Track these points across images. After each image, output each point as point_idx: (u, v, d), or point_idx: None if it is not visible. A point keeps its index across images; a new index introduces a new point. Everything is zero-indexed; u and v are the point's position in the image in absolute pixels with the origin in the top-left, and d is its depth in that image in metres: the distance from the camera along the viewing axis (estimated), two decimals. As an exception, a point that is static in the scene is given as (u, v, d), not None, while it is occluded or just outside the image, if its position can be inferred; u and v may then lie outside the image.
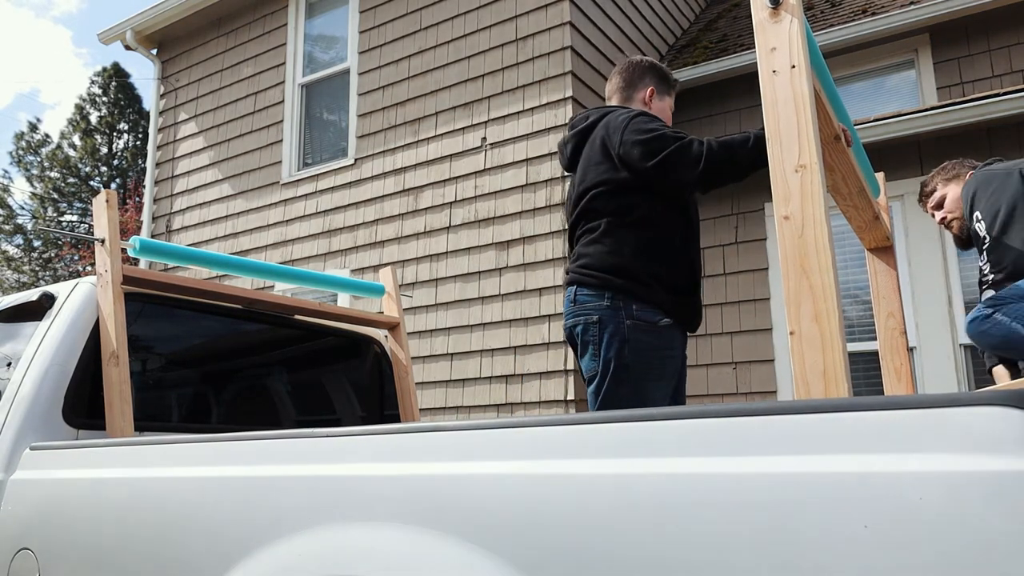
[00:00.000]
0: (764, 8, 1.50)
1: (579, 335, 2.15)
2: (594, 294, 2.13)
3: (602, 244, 2.17)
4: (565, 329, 2.23)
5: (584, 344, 2.14)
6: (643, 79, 2.41)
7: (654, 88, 2.40)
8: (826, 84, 1.83)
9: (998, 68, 5.68)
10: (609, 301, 2.12)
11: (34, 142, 23.27)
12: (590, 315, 2.12)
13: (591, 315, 2.12)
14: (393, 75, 6.47)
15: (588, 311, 2.12)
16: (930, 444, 0.86)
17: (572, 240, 2.34)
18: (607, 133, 2.22)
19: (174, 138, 8.06)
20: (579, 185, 2.28)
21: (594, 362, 2.12)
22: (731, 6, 7.94)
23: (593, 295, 2.13)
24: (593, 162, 2.25)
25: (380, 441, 1.36)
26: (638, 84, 2.41)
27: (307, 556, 1.33)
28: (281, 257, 6.81)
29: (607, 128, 2.23)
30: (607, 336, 2.10)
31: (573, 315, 2.17)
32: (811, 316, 1.36)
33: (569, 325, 2.19)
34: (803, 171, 1.41)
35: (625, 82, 2.43)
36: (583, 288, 2.16)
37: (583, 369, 2.17)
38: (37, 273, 22.34)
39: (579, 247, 2.24)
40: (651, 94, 2.39)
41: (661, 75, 2.44)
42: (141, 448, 1.80)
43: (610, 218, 2.18)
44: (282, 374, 3.10)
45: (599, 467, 1.07)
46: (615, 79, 2.46)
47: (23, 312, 2.47)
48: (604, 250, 2.17)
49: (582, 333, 2.14)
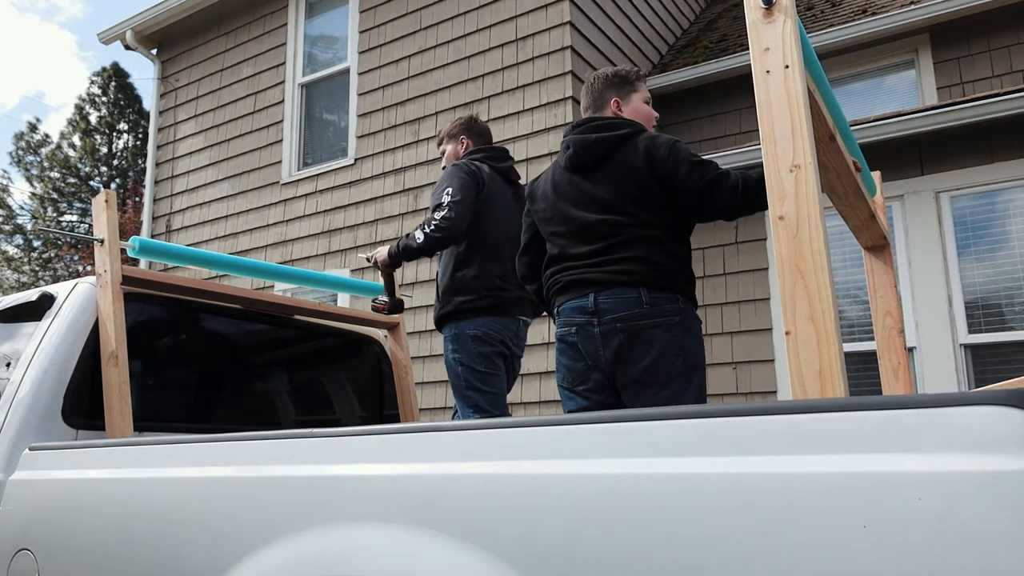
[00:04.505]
0: (757, 9, 1.50)
1: (656, 338, 2.10)
2: (670, 296, 2.14)
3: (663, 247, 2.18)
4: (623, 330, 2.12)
5: (664, 344, 2.10)
6: (603, 95, 2.42)
7: (617, 98, 2.40)
8: (820, 84, 1.83)
9: (998, 68, 5.68)
10: (683, 303, 2.17)
11: (34, 142, 23.27)
12: (671, 317, 2.12)
13: (672, 317, 2.13)
14: (393, 75, 6.47)
15: (667, 313, 2.13)
16: (929, 444, 0.85)
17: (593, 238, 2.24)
18: (652, 146, 2.22)
19: (174, 138, 8.06)
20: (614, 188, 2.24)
21: (677, 361, 2.11)
22: (731, 6, 7.94)
23: (669, 297, 2.14)
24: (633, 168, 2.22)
25: (379, 441, 1.36)
26: (603, 103, 2.42)
27: (307, 556, 1.33)
28: (281, 257, 6.81)
29: (652, 142, 2.23)
30: (689, 337, 2.15)
31: (647, 317, 2.11)
32: (807, 316, 1.36)
33: (641, 327, 2.11)
34: (797, 171, 1.41)
35: (592, 103, 2.44)
36: (655, 290, 2.13)
37: (648, 370, 2.10)
38: (37, 273, 22.34)
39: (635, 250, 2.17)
40: (616, 104, 2.40)
41: (618, 81, 2.43)
42: (140, 448, 1.80)
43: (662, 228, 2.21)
44: (282, 374, 3.10)
45: (598, 467, 1.07)
46: (583, 102, 2.49)
47: (23, 312, 2.47)
48: (667, 254, 2.18)
49: (661, 334, 2.10)
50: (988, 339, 4.29)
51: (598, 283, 2.18)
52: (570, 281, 2.24)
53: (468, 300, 2.81)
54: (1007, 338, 4.26)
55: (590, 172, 2.29)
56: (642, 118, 2.41)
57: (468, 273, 2.83)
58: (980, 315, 4.34)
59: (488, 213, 2.90)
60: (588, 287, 2.19)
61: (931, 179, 4.52)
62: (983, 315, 4.34)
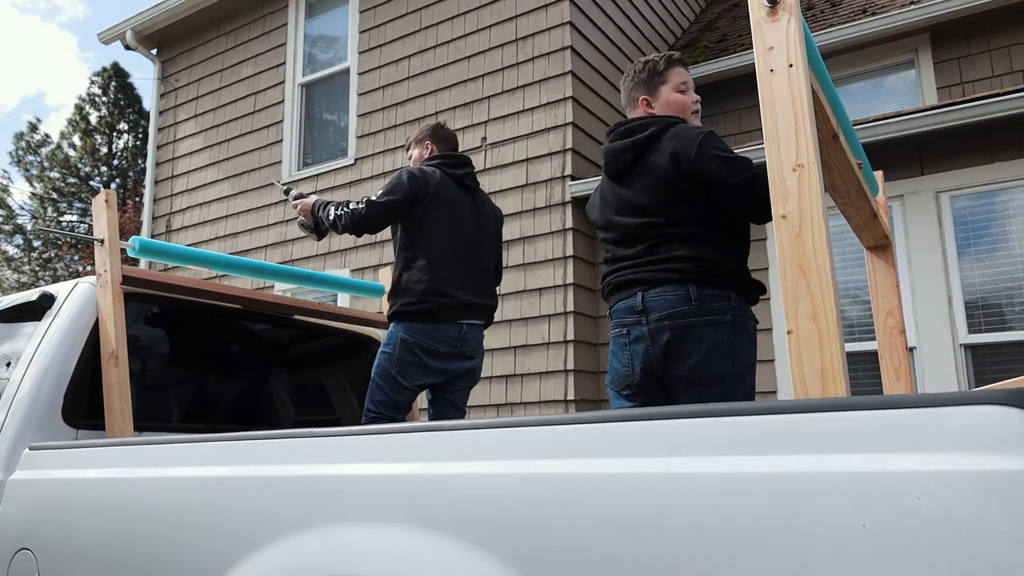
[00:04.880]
0: (762, 7, 1.50)
1: (705, 336, 2.08)
2: (721, 294, 2.10)
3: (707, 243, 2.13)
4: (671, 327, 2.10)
5: (713, 344, 2.07)
6: (632, 95, 2.43)
7: (645, 96, 2.39)
8: (824, 83, 1.83)
9: (998, 68, 5.68)
10: (735, 301, 2.11)
11: (34, 142, 23.27)
12: (721, 316, 2.08)
13: (723, 315, 2.08)
14: (393, 75, 6.47)
15: (717, 312, 2.08)
16: (929, 443, 0.85)
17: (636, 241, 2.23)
18: (679, 144, 2.17)
19: (174, 138, 8.06)
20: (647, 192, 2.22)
21: (727, 361, 2.07)
22: (731, 6, 7.94)
23: (720, 294, 2.09)
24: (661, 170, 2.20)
25: (379, 441, 1.36)
26: (634, 104, 2.42)
27: (307, 556, 1.33)
28: (281, 257, 6.81)
29: (679, 140, 2.18)
30: (741, 336, 2.09)
31: (695, 315, 2.08)
32: (809, 315, 1.36)
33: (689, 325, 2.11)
34: (801, 170, 1.41)
35: (627, 103, 2.46)
36: (706, 287, 2.08)
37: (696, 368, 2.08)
38: (37, 273, 22.34)
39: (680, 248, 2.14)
40: (645, 103, 2.38)
41: (645, 76, 2.41)
42: (140, 448, 1.80)
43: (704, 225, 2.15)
44: (282, 374, 3.10)
45: (598, 467, 1.07)
46: (622, 97, 2.50)
47: (23, 312, 2.47)
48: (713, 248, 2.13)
49: (710, 332, 2.07)
50: (988, 339, 4.29)
51: (645, 282, 2.16)
52: (620, 282, 2.24)
53: (407, 303, 2.84)
54: (1007, 338, 4.26)
55: (624, 179, 2.29)
56: (676, 109, 2.34)
57: (412, 276, 2.87)
58: (980, 315, 4.35)
59: (437, 218, 2.93)
60: (636, 287, 2.18)
61: (931, 179, 4.52)
62: (983, 315, 4.34)
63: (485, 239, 3.06)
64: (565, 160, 5.40)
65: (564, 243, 5.27)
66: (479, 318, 2.95)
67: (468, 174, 3.10)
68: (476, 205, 3.07)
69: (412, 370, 2.81)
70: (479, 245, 3.02)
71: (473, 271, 2.96)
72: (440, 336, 2.82)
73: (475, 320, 2.93)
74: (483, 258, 3.03)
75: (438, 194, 2.94)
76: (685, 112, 2.35)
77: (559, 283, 5.22)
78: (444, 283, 2.84)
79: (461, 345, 2.88)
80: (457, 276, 2.88)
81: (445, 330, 2.83)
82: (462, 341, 2.88)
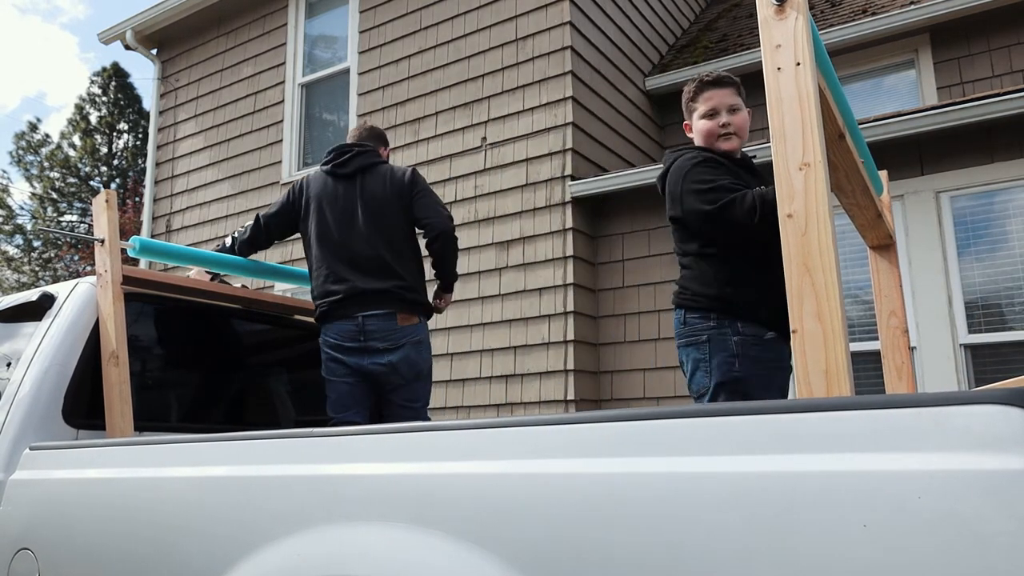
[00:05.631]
0: (769, 5, 1.49)
1: (690, 355, 2.33)
2: (701, 315, 2.31)
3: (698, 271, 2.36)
4: (678, 347, 2.42)
5: (695, 362, 2.31)
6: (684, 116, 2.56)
7: (688, 122, 2.53)
8: (831, 82, 1.82)
9: (998, 68, 5.68)
10: (715, 322, 2.28)
11: (34, 142, 23.27)
12: (699, 335, 2.30)
13: (700, 335, 2.30)
14: (393, 75, 6.47)
15: (698, 331, 2.31)
16: (930, 443, 0.85)
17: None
18: (667, 183, 2.40)
19: (174, 138, 8.06)
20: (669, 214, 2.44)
21: (706, 378, 2.27)
22: (731, 6, 7.94)
23: (701, 316, 2.31)
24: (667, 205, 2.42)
25: (379, 441, 1.36)
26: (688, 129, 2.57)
27: (306, 556, 1.33)
28: (281, 257, 6.81)
29: (668, 177, 2.40)
30: (720, 355, 2.26)
31: (684, 336, 2.35)
32: (814, 314, 1.36)
33: (681, 345, 2.38)
34: (807, 169, 1.41)
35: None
36: (690, 311, 2.34)
37: (691, 385, 2.34)
38: (37, 273, 22.34)
39: (680, 278, 2.43)
40: (688, 128, 2.53)
41: (685, 104, 2.53)
42: (140, 448, 1.80)
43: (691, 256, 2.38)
44: (282, 374, 3.10)
45: (598, 466, 1.06)
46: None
47: (23, 312, 2.46)
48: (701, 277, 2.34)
49: (693, 351, 2.32)
50: (988, 339, 4.29)
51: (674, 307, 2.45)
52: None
53: (315, 309, 2.93)
54: (1007, 338, 4.26)
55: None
56: (702, 137, 2.45)
57: (312, 284, 2.96)
58: (980, 315, 4.34)
59: (314, 219, 2.98)
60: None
61: (931, 179, 4.52)
62: (983, 315, 4.34)
63: (371, 221, 2.92)
64: (565, 160, 5.40)
65: (564, 243, 5.27)
66: (379, 307, 2.82)
67: (341, 163, 3.04)
68: (354, 190, 2.97)
69: (334, 367, 2.84)
70: (361, 230, 2.90)
71: (361, 259, 2.86)
72: (339, 333, 2.83)
73: (374, 310, 2.82)
74: (369, 241, 2.89)
75: (309, 197, 3.03)
76: (711, 139, 2.43)
77: (559, 283, 5.22)
78: (329, 282, 2.87)
79: (365, 339, 2.80)
80: (342, 270, 2.86)
81: (341, 327, 2.83)
82: (364, 334, 2.80)
